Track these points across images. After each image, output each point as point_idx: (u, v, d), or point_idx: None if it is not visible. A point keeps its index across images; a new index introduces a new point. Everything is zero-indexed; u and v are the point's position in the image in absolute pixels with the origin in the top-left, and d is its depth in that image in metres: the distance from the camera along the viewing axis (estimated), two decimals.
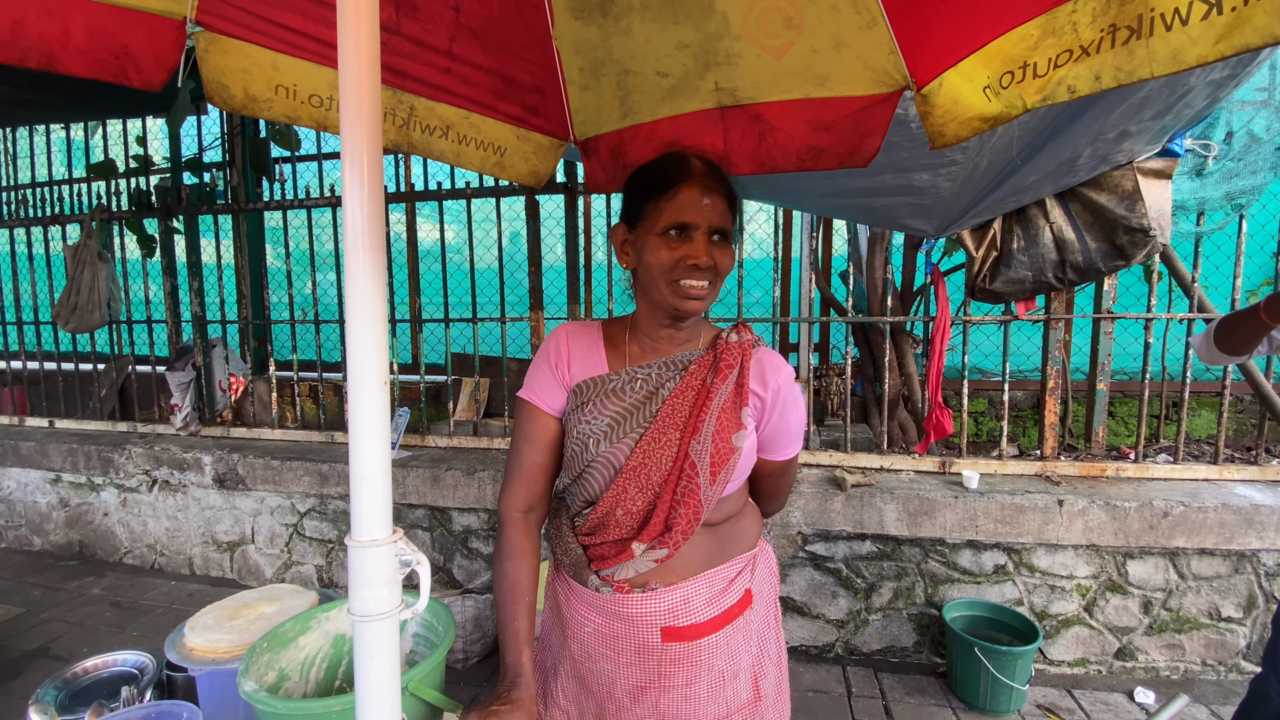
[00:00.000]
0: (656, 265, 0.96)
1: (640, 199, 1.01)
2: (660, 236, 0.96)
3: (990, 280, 2.51)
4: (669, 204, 0.96)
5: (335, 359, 3.94)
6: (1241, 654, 2.41)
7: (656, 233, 0.97)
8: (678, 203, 0.96)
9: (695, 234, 0.96)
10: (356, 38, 0.47)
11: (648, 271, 0.99)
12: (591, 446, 0.99)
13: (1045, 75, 0.99)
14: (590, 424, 1.00)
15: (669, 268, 0.96)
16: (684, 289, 0.96)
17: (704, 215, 0.96)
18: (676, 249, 0.95)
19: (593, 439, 0.99)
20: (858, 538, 2.56)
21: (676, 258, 0.95)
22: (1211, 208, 2.51)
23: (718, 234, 0.98)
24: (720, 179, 1.01)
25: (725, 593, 1.04)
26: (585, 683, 1.06)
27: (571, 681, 1.08)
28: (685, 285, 0.95)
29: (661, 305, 0.99)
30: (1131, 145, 2.12)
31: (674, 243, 0.96)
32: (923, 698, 2.30)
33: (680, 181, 0.97)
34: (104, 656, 1.24)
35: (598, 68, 1.46)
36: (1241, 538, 2.31)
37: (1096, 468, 2.59)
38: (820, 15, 1.21)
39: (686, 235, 0.96)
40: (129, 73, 1.19)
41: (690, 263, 0.95)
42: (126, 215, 3.64)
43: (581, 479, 1.01)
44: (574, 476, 1.02)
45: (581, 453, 1.00)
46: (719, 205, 0.98)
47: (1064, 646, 2.46)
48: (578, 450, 1.01)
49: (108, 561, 3.57)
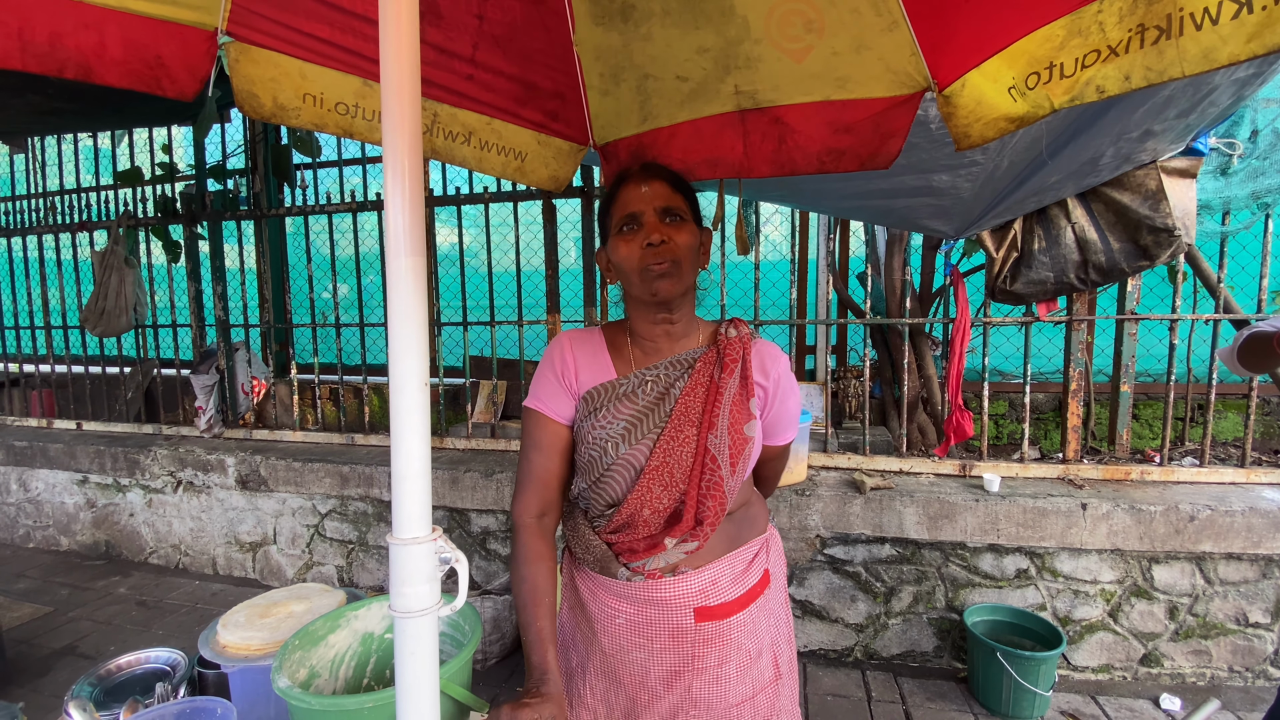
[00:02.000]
0: (621, 260, 1.03)
1: (602, 219, 1.10)
2: (619, 236, 1.04)
3: (1011, 281, 2.49)
4: (616, 207, 1.05)
5: (355, 362, 3.99)
6: (1269, 660, 2.36)
7: (615, 233, 1.05)
8: (620, 201, 1.05)
9: (644, 219, 1.02)
10: (398, 50, 0.48)
11: (620, 271, 1.05)
12: (611, 450, 1.02)
13: (1073, 75, 0.99)
14: (606, 428, 1.03)
15: (631, 258, 1.01)
16: (648, 273, 1.00)
17: (645, 201, 1.02)
18: (633, 238, 1.02)
19: (611, 442, 1.02)
20: (877, 541, 2.54)
21: (634, 245, 1.01)
22: (1237, 207, 2.47)
23: (667, 214, 1.02)
24: (658, 170, 1.07)
25: (747, 573, 1.09)
26: (616, 677, 1.08)
27: (600, 678, 1.09)
28: (649, 270, 1.00)
29: (641, 298, 1.04)
30: (1155, 144, 2.10)
31: (630, 235, 1.02)
32: (944, 703, 2.28)
33: (622, 184, 1.06)
34: (136, 654, 1.26)
35: (618, 73, 1.47)
36: (1269, 542, 2.27)
37: (1120, 471, 2.56)
38: (841, 18, 1.21)
39: (637, 223, 1.02)
40: (163, 83, 1.22)
41: (645, 243, 1.00)
42: (153, 222, 3.71)
43: (602, 482, 1.04)
44: (593, 480, 1.05)
45: (600, 457, 1.03)
46: (660, 189, 1.04)
47: (1088, 652, 2.43)
48: (596, 455, 1.03)
49: (133, 561, 3.64)
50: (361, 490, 3.18)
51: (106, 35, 1.14)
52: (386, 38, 0.52)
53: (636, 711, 1.07)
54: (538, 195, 3.10)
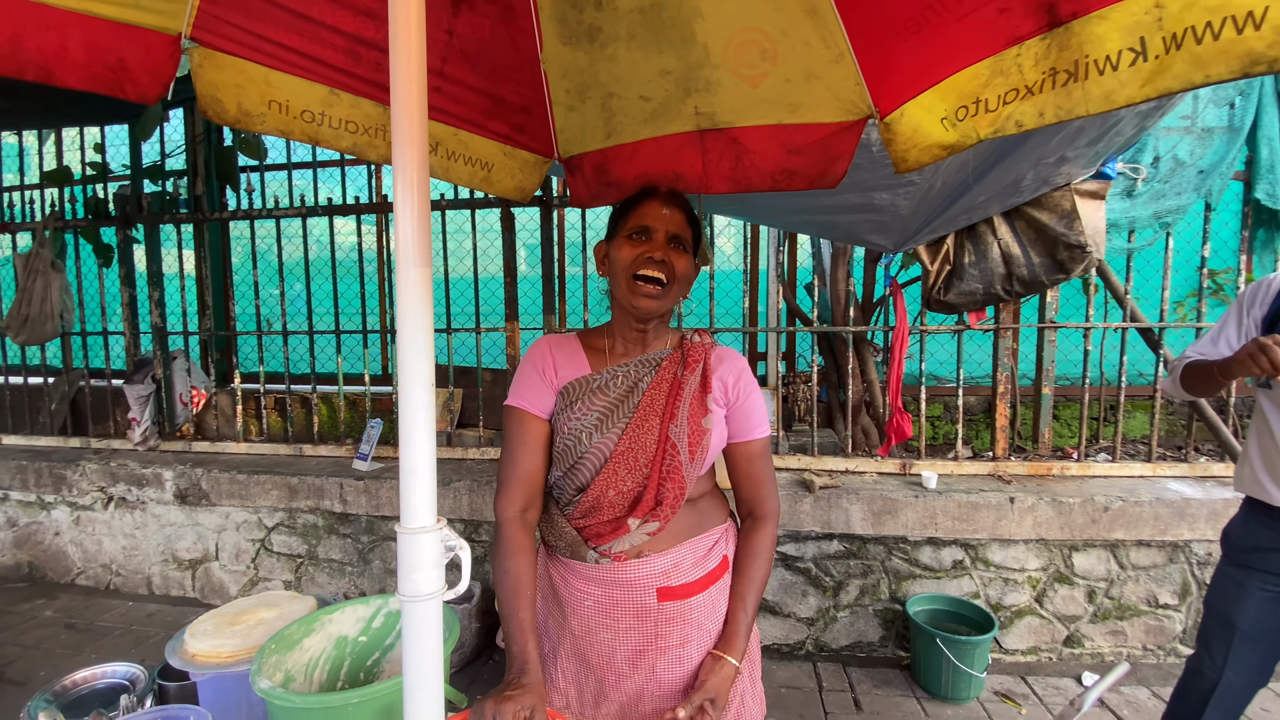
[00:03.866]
0: (620, 261, 1.12)
1: (616, 216, 1.20)
2: (626, 238, 1.14)
3: (944, 292, 2.67)
4: (635, 212, 1.15)
5: (304, 370, 3.89)
6: (1178, 638, 2.60)
7: (624, 234, 1.14)
8: (641, 210, 1.15)
9: (655, 235, 1.12)
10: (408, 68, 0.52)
11: (614, 270, 1.14)
12: (584, 439, 1.11)
13: (996, 110, 1.11)
14: (581, 419, 1.11)
15: (629, 263, 1.11)
16: (639, 287, 1.10)
17: (663, 222, 1.13)
18: (638, 247, 1.12)
19: (585, 432, 1.11)
20: (826, 537, 2.67)
21: (637, 253, 1.11)
22: (1141, 226, 2.73)
23: (675, 241, 1.13)
24: (680, 200, 1.18)
25: (707, 557, 1.17)
26: (585, 658, 1.13)
27: (571, 661, 1.14)
28: (641, 277, 1.10)
29: (623, 303, 1.14)
30: (1069, 169, 2.30)
31: (636, 242, 1.12)
32: (889, 689, 2.42)
33: (646, 197, 1.16)
34: (92, 669, 1.23)
35: (584, 90, 1.53)
36: (1175, 529, 2.51)
37: (1044, 467, 2.77)
38: (794, 49, 1.31)
39: (647, 235, 1.12)
40: (125, 86, 1.21)
41: (647, 255, 1.10)
42: (82, 224, 3.53)
43: (575, 469, 1.12)
44: (566, 468, 1.13)
45: (575, 446, 1.11)
46: (677, 217, 1.15)
47: (1017, 636, 2.62)
48: (570, 444, 1.11)
49: (59, 583, 3.43)
50: (311, 502, 3.10)
51: (68, 38, 1.12)
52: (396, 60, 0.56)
53: (605, 692, 1.12)
54: (496, 203, 3.12)
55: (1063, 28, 0.98)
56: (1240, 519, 1.60)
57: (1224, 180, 2.62)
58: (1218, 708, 1.58)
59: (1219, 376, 1.49)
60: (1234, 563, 1.58)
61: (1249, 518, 1.57)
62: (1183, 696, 1.67)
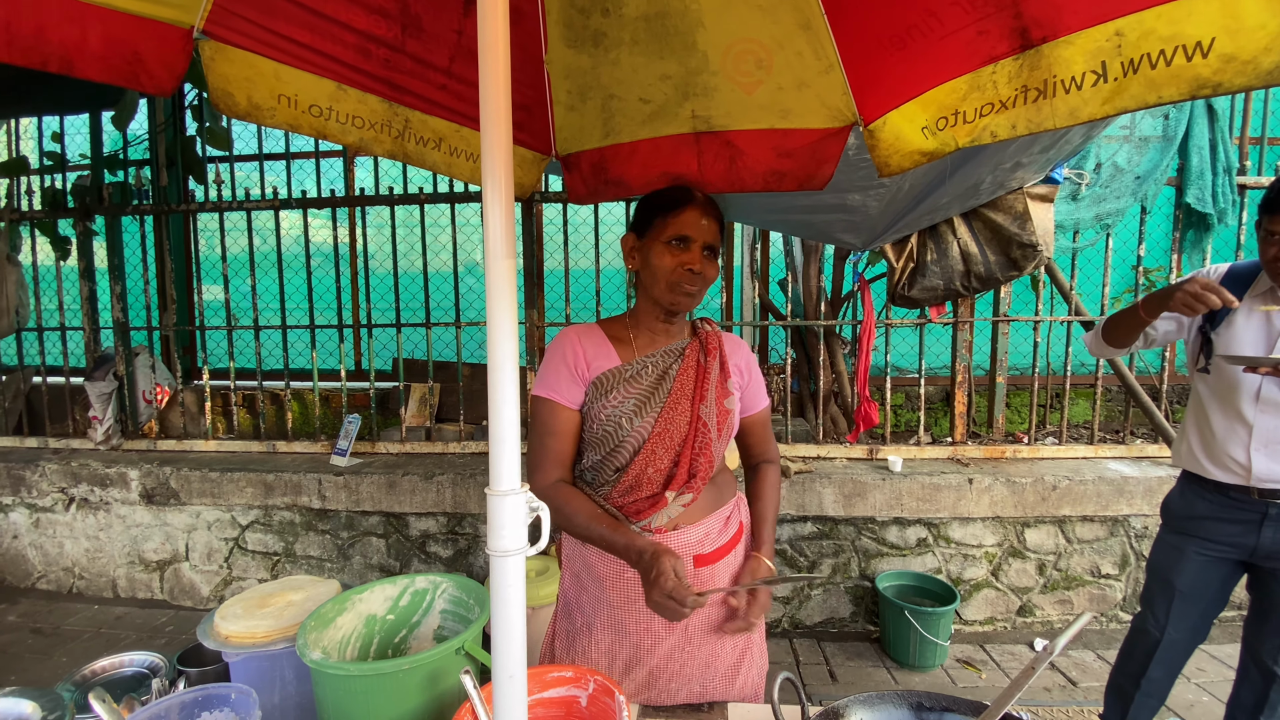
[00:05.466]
0: (660, 268, 1.20)
1: (651, 214, 1.24)
2: (665, 244, 1.20)
3: (909, 288, 2.84)
4: (675, 220, 1.21)
5: (276, 366, 3.82)
6: (1119, 605, 2.84)
7: (662, 241, 1.20)
8: (682, 219, 1.20)
9: (693, 246, 1.20)
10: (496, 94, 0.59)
11: (652, 273, 1.22)
12: (625, 424, 1.19)
13: (973, 122, 1.23)
14: (619, 406, 1.19)
15: (670, 270, 1.19)
16: (680, 288, 1.19)
17: (701, 232, 1.20)
18: (677, 255, 1.19)
19: (625, 417, 1.19)
20: (800, 520, 2.81)
21: (677, 263, 1.19)
22: (1084, 227, 2.95)
23: (710, 250, 1.22)
24: (715, 208, 1.25)
25: (727, 526, 1.30)
26: (624, 627, 1.21)
27: (606, 633, 1.21)
28: (681, 285, 1.19)
29: (659, 301, 1.22)
30: (1023, 174, 2.49)
31: (676, 251, 1.19)
32: (861, 660, 2.57)
33: (685, 204, 1.22)
34: (115, 657, 1.24)
35: (585, 91, 1.60)
36: (1115, 505, 2.73)
37: (998, 450, 2.98)
38: (787, 59, 1.41)
39: (686, 245, 1.20)
40: (141, 78, 1.23)
41: (687, 267, 1.19)
42: (38, 215, 3.38)
43: (615, 452, 1.20)
44: (607, 451, 1.20)
45: (615, 431, 1.19)
46: (713, 227, 1.23)
47: (976, 607, 2.81)
48: (611, 430, 1.19)
49: (19, 588, 3.29)
50: (289, 499, 3.08)
51: (88, 30, 1.13)
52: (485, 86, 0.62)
53: (640, 658, 1.21)
54: (475, 197, 3.14)
55: (1034, 50, 1.10)
56: (1178, 491, 1.77)
57: (1158, 186, 2.87)
58: (1160, 662, 1.76)
59: (1142, 312, 1.61)
60: (1173, 530, 1.75)
61: (1186, 490, 1.74)
62: (1128, 654, 1.84)
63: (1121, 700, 1.83)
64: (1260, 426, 1.57)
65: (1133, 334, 1.71)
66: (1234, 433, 1.60)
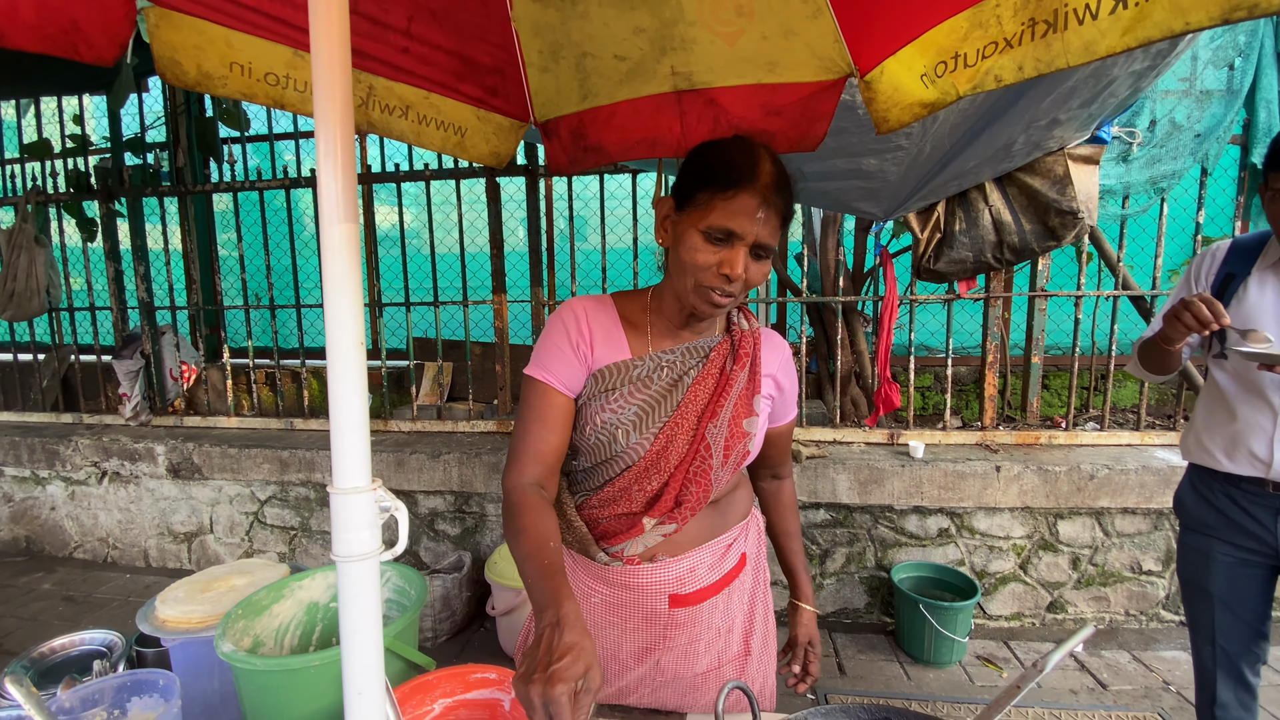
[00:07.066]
0: (690, 263, 0.92)
1: (696, 184, 0.92)
2: (702, 233, 0.90)
3: (935, 261, 2.64)
4: (723, 204, 0.89)
5: (292, 345, 3.88)
6: (1161, 604, 2.63)
7: (700, 228, 0.90)
8: (732, 207, 0.88)
9: (738, 244, 0.90)
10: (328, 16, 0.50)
11: (679, 263, 0.94)
12: (621, 438, 0.98)
13: (975, 65, 1.07)
14: (617, 413, 0.98)
15: (701, 269, 0.91)
16: (709, 296, 0.93)
17: (753, 229, 0.89)
18: (714, 254, 0.90)
19: (621, 430, 0.98)
20: (813, 506, 2.68)
21: (711, 263, 0.90)
22: (1136, 191, 2.68)
23: (760, 249, 0.92)
24: (784, 190, 0.93)
25: (724, 559, 1.08)
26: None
27: None
28: (711, 293, 0.92)
29: (682, 299, 0.97)
30: (1062, 132, 2.26)
31: (714, 246, 0.90)
32: (873, 653, 2.45)
33: (743, 184, 0.89)
34: (70, 636, 1.24)
35: (556, 50, 1.49)
36: (1160, 497, 2.51)
37: (1031, 436, 2.77)
38: (769, 4, 1.26)
39: (728, 243, 0.90)
40: (80, 48, 1.17)
41: (723, 272, 0.90)
42: (64, 198, 3.48)
43: (604, 466, 1.01)
44: (594, 463, 1.02)
45: (609, 443, 0.99)
46: (772, 221, 0.91)
47: (1001, 602, 2.65)
48: (604, 441, 0.99)
49: (57, 557, 3.46)
50: (303, 475, 3.12)
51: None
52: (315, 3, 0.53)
53: (607, 679, 1.08)
54: (481, 173, 3.07)
55: None
56: (1188, 487, 1.59)
57: (1221, 144, 2.58)
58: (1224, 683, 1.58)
59: (1163, 345, 1.46)
60: (1194, 532, 1.58)
61: (1197, 485, 1.56)
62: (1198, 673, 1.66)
63: None
64: None
65: (1170, 362, 1.53)
66: (1257, 423, 1.42)
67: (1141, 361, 1.63)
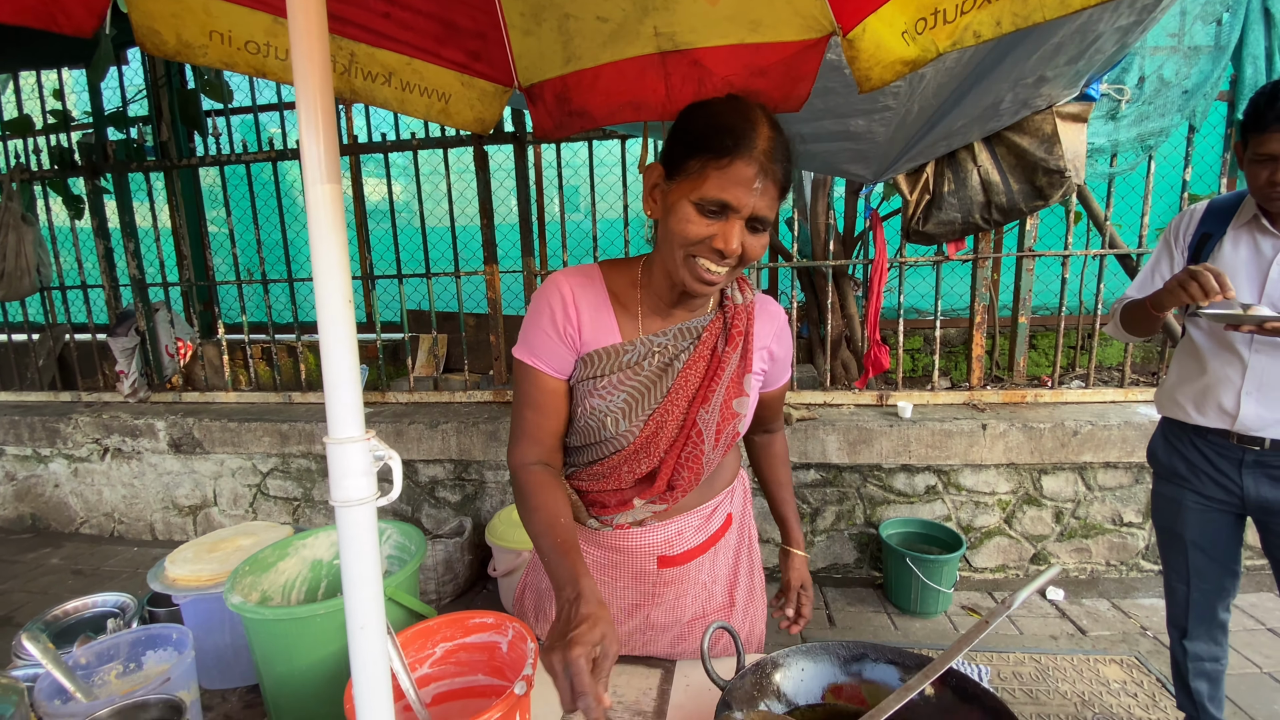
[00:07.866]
0: (679, 235, 0.86)
1: (687, 150, 0.86)
2: (694, 204, 0.84)
3: (924, 222, 2.65)
4: (716, 173, 0.82)
5: (286, 319, 3.89)
6: (1141, 554, 2.71)
7: (692, 200, 0.84)
8: (726, 177, 0.82)
9: (733, 217, 0.84)
10: None
11: (668, 235, 0.88)
12: (610, 425, 0.97)
13: (954, 21, 1.08)
14: (606, 399, 0.97)
15: (691, 243, 0.86)
16: (698, 269, 0.87)
17: (750, 200, 0.83)
18: (707, 226, 0.84)
19: (610, 417, 0.97)
20: (803, 467, 2.74)
21: (703, 235, 0.85)
22: (1124, 149, 2.69)
23: (757, 221, 0.86)
24: (783, 157, 0.87)
25: (710, 521, 1.11)
26: None
27: None
28: (700, 266, 0.87)
29: (672, 275, 0.91)
30: (1050, 90, 2.25)
31: (707, 218, 0.84)
32: (862, 605, 2.54)
33: (738, 152, 0.82)
34: (83, 599, 1.28)
35: (538, 12, 1.48)
36: (1141, 451, 2.58)
37: (1017, 394, 2.82)
38: None
39: (723, 215, 0.84)
40: (58, 18, 1.16)
41: (717, 246, 0.85)
42: (49, 175, 3.45)
43: (591, 448, 1.02)
44: (584, 444, 1.03)
45: (598, 429, 0.98)
46: (769, 192, 0.84)
47: (987, 555, 2.73)
48: (593, 426, 0.98)
49: (63, 532, 3.53)
50: (304, 447, 3.16)
51: None
52: None
53: None
54: (469, 141, 3.05)
55: None
56: (1160, 439, 1.66)
57: (1208, 101, 2.57)
58: (1197, 620, 1.65)
59: (1152, 310, 1.50)
60: (1166, 481, 1.64)
61: (1168, 437, 1.63)
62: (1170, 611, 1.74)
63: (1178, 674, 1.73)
64: (1255, 367, 1.44)
65: (1153, 326, 1.59)
66: (1226, 376, 1.48)
67: (1124, 324, 1.67)
